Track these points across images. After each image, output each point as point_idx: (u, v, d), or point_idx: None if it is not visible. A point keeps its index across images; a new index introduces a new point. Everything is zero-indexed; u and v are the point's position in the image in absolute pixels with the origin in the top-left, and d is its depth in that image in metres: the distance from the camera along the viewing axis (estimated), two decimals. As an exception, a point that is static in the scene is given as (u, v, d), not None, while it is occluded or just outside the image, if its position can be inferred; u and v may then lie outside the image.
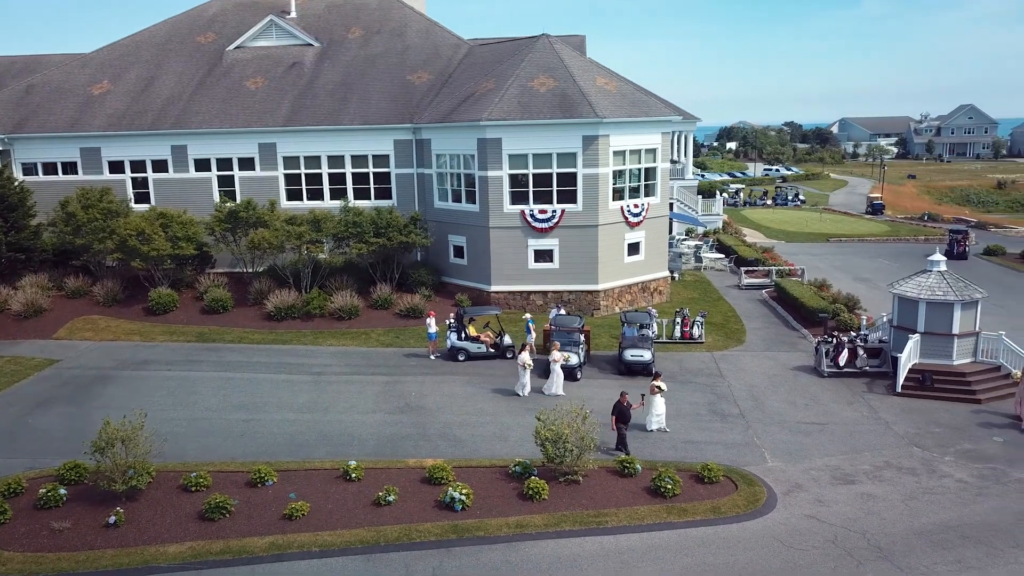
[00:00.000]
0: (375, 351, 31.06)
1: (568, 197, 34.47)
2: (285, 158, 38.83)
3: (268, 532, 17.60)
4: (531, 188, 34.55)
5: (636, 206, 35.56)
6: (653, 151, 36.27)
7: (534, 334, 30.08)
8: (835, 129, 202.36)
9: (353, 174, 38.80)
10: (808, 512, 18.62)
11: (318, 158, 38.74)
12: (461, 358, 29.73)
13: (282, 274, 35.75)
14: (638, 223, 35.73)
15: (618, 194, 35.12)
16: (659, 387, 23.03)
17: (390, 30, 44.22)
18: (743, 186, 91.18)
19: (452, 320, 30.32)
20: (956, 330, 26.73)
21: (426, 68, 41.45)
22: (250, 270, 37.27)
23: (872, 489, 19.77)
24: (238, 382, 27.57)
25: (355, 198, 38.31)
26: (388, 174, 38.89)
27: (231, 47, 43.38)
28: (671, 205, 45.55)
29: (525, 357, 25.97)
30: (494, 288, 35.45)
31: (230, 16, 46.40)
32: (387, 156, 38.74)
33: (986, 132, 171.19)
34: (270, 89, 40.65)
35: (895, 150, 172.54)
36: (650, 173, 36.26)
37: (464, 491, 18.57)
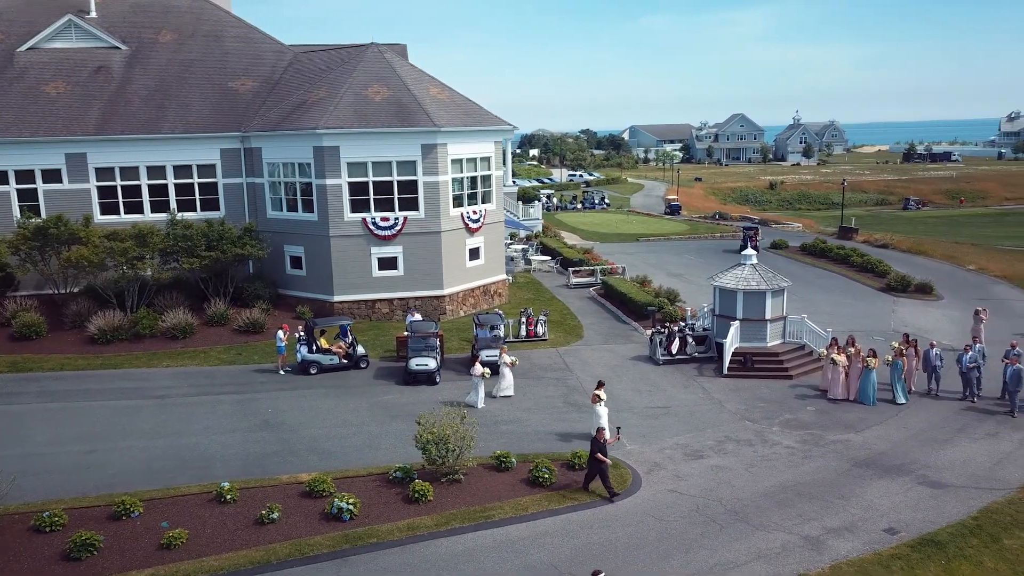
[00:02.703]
0: (219, 369, 29.77)
1: (410, 204, 34.87)
2: (98, 169, 36.00)
3: (147, 564, 16.64)
4: (372, 196, 34.58)
5: (475, 212, 36.63)
6: (488, 159, 37.54)
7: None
8: (626, 136, 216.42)
9: (176, 185, 36.75)
10: (670, 487, 20.42)
11: (136, 169, 36.28)
12: (313, 371, 29.23)
13: (104, 294, 33.18)
14: (477, 229, 36.82)
15: (457, 201, 35.99)
16: (600, 396, 22.64)
17: (205, 34, 42.23)
18: (552, 191, 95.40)
19: (302, 333, 29.75)
20: (768, 316, 30.11)
21: (249, 75, 40.09)
22: (63, 291, 34.22)
23: (719, 461, 21.99)
24: (71, 412, 25.43)
25: (180, 210, 36.30)
26: (215, 184, 37.22)
27: (22, 48, 39.47)
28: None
29: (479, 368, 25.93)
30: (337, 298, 35.07)
31: (16, 14, 42.12)
32: (213, 166, 37.08)
33: (755, 138, 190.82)
34: (74, 95, 37.50)
35: (680, 155, 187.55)
36: (486, 180, 37.48)
37: (351, 500, 18.57)
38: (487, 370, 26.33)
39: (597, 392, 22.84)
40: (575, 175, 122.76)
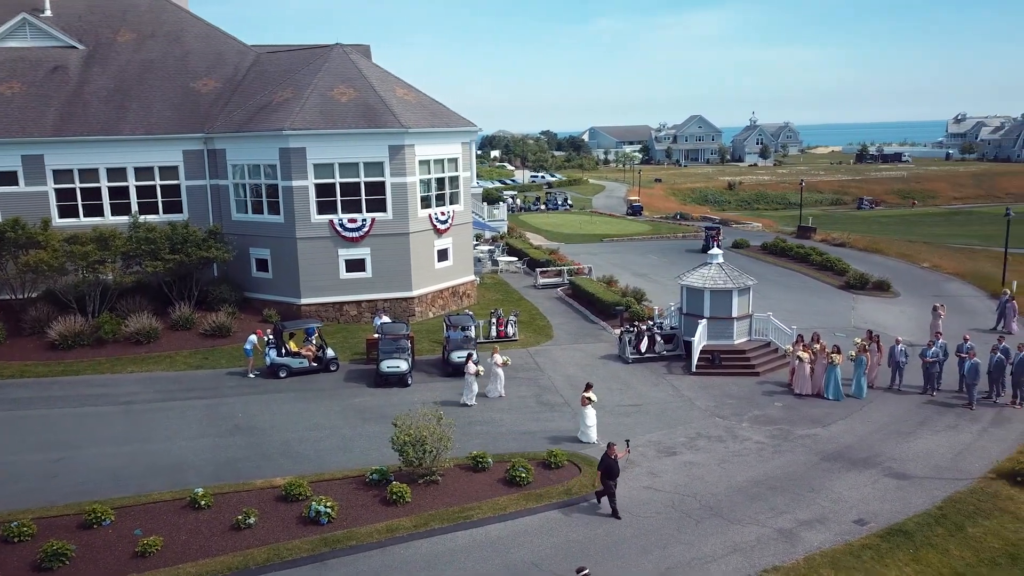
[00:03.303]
0: (186, 374, 29.32)
1: (378, 206, 34.71)
2: (56, 171, 35.17)
3: (121, 573, 16.35)
4: (339, 197, 34.35)
5: (443, 214, 36.60)
6: (455, 160, 37.54)
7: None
8: (586, 137, 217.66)
9: (138, 187, 36.09)
10: (645, 484, 20.67)
11: (96, 171, 35.53)
12: (283, 375, 28.96)
13: (64, 299, 32.44)
14: (446, 230, 36.79)
15: (425, 202, 35.94)
16: (589, 398, 22.73)
17: (165, 34, 41.52)
18: (516, 192, 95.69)
19: (270, 336, 29.45)
20: (735, 314, 30.60)
21: (211, 75, 39.53)
22: (22, 296, 33.37)
23: (692, 457, 22.32)
24: (34, 420, 24.85)
25: (141, 213, 35.64)
26: (178, 186, 36.64)
27: (-26, 47, 38.44)
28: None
29: (473, 367, 26.04)
30: (305, 301, 34.76)
31: (-33, 12, 40.99)
32: (176, 167, 36.49)
33: (713, 140, 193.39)
34: (30, 95, 36.60)
35: (640, 156, 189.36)
36: (454, 182, 37.48)
37: (328, 503, 18.46)
38: (481, 369, 26.40)
39: (586, 394, 22.80)
40: (537, 176, 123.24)
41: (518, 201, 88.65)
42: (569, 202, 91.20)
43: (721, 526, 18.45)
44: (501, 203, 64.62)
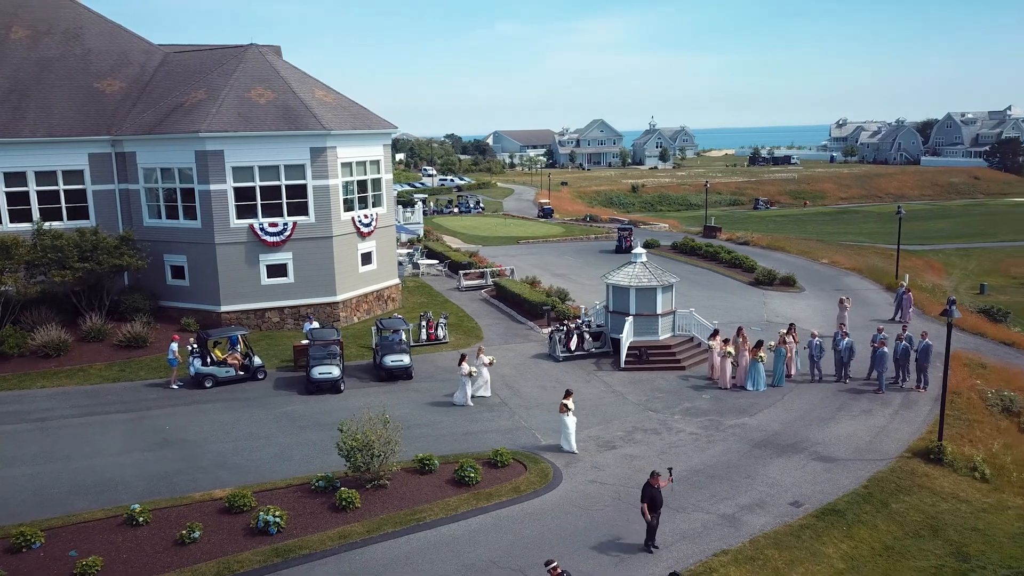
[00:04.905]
0: (102, 388, 27.95)
1: (299, 209, 33.98)
2: (-54, 176, 32.89)
3: (60, 597, 15.52)
4: (259, 201, 33.44)
5: (366, 216, 36.18)
6: (377, 162, 37.18)
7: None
8: (490, 141, 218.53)
9: (39, 192, 34.10)
10: (590, 478, 21.09)
11: (-9, 175, 33.42)
12: (208, 385, 27.99)
13: (-40, 312, 30.35)
14: (369, 233, 36.37)
15: (348, 205, 35.43)
16: (567, 406, 22.37)
17: (63, 31, 39.36)
18: (427, 195, 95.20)
19: (194, 344, 28.42)
20: (659, 310, 31.54)
21: (116, 75, 37.76)
22: (-90, 310, 30.98)
23: (631, 450, 22.91)
24: (-63, 442, 23.15)
25: (44, 219, 33.66)
26: (84, 191, 34.84)
27: None
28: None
29: (467, 366, 25.85)
30: (225, 308, 33.64)
31: None
32: (82, 171, 34.69)
33: (614, 143, 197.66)
34: (-86, 94, 34.07)
35: (544, 160, 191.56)
36: (376, 184, 37.10)
37: (277, 513, 18.02)
38: (474, 369, 26.28)
39: (564, 401, 22.54)
40: (446, 179, 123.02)
41: (430, 204, 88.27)
42: (481, 205, 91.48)
43: (667, 515, 18.95)
44: (414, 206, 64.19)
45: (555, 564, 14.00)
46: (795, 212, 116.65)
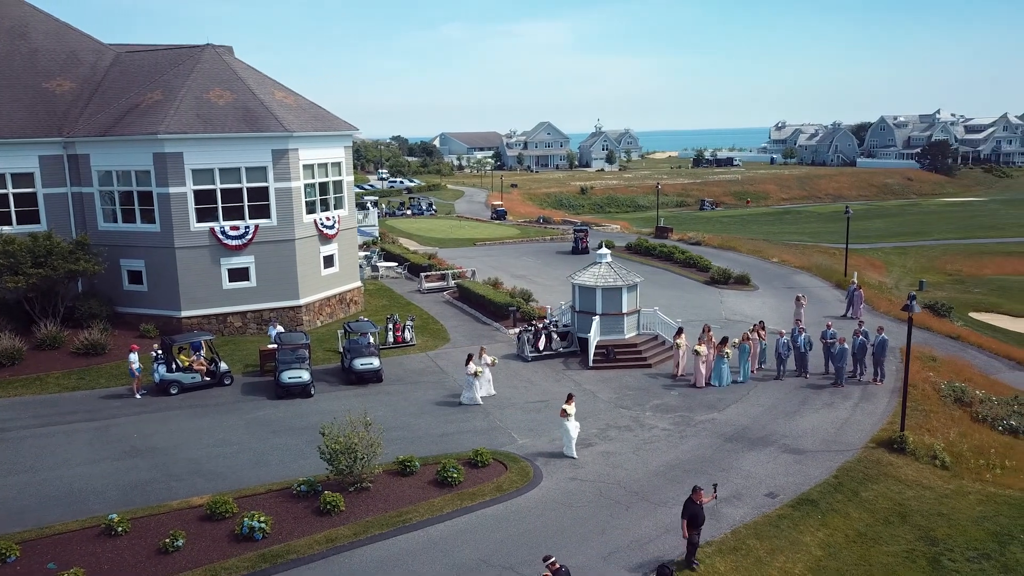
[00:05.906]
0: (61, 396, 27.15)
1: (261, 212, 33.52)
2: None
3: (43, 611, 15.10)
4: (220, 204, 32.88)
5: (328, 219, 35.88)
6: (339, 164, 36.90)
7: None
8: (437, 143, 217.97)
9: (-13, 196, 32.97)
10: (570, 475, 21.35)
11: (-64, 178, 32.16)
12: (174, 391, 27.43)
13: (-94, 321, 29.11)
14: (333, 235, 36.08)
15: (310, 207, 35.09)
16: (566, 411, 22.22)
17: (8, 30, 38.06)
18: (377, 198, 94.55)
19: (158, 351, 27.81)
20: (625, 309, 32.03)
21: (66, 75, 36.69)
22: None
23: (607, 448, 23.25)
24: None
25: (-8, 224, 32.60)
26: (34, 195, 33.77)
27: None
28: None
29: (473, 366, 25.91)
30: (185, 313, 32.99)
31: None
32: (32, 174, 33.65)
33: (561, 146, 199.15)
34: None
35: (492, 162, 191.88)
36: (338, 186, 36.81)
37: (261, 518, 17.81)
38: (480, 368, 26.30)
39: (565, 407, 22.47)
40: (395, 182, 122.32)
41: (382, 206, 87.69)
42: (434, 207, 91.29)
43: (649, 509, 19.41)
44: (368, 208, 63.71)
45: (553, 559, 14.19)
46: (740, 213, 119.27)
